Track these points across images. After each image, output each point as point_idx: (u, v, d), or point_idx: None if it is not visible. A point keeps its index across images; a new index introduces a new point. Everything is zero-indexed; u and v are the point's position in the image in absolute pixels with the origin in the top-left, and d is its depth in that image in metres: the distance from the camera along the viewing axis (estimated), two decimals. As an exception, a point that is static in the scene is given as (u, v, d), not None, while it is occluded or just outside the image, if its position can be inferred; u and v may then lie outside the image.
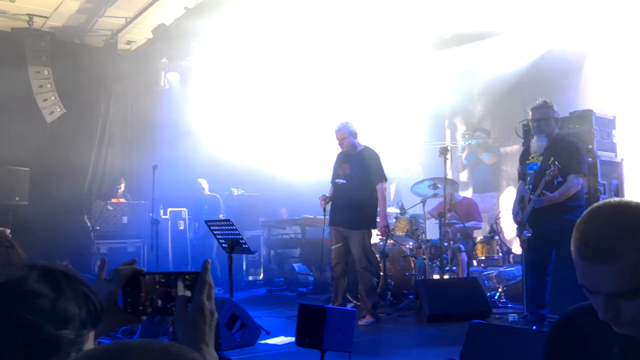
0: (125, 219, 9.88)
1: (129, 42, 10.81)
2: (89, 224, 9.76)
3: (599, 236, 1.38)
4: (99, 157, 10.87)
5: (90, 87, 10.32)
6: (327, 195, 6.55)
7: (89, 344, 1.04)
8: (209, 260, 1.30)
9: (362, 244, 6.27)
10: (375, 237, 8.05)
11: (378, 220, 6.42)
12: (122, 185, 10.38)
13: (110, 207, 9.84)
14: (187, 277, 1.30)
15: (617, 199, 1.49)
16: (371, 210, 6.37)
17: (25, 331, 0.95)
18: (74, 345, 1.00)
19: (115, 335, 4.59)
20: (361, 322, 6.07)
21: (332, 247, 6.58)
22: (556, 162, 5.06)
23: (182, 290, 1.29)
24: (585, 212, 1.48)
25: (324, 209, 6.53)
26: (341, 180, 6.45)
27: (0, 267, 1.02)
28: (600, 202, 1.50)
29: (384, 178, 6.43)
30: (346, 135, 6.45)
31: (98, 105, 10.86)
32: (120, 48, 10.84)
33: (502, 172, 9.63)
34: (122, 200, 10.23)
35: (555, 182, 5.12)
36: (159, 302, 1.34)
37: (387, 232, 6.54)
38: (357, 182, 6.34)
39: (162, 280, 1.34)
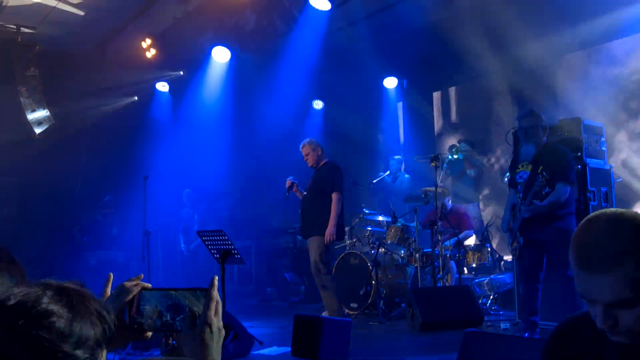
0: (115, 230, 9.83)
1: (118, 52, 10.79)
2: (78, 236, 9.70)
3: (597, 246, 1.40)
4: (89, 167, 10.82)
5: (79, 98, 10.29)
6: (295, 180, 6.96)
7: None
8: (217, 277, 1.31)
9: (315, 249, 6.60)
10: (367, 245, 8.08)
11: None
12: (110, 198, 10.33)
13: (100, 219, 9.79)
14: (194, 293, 1.30)
15: (612, 209, 1.51)
16: (327, 220, 6.66)
17: (41, 351, 0.95)
18: None
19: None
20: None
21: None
22: (544, 173, 5.09)
23: (189, 307, 1.29)
24: (582, 222, 1.50)
25: (287, 190, 6.96)
26: (304, 193, 6.91)
27: (13, 287, 1.02)
28: (597, 212, 1.51)
29: (339, 189, 6.70)
30: (309, 151, 6.88)
31: (87, 115, 10.82)
32: (109, 58, 10.81)
33: (485, 182, 9.72)
34: (110, 210, 10.19)
35: (544, 192, 5.15)
36: (167, 318, 1.34)
37: (331, 240, 6.67)
38: (316, 194, 6.76)
39: (170, 295, 1.34)
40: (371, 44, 9.19)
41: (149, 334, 1.39)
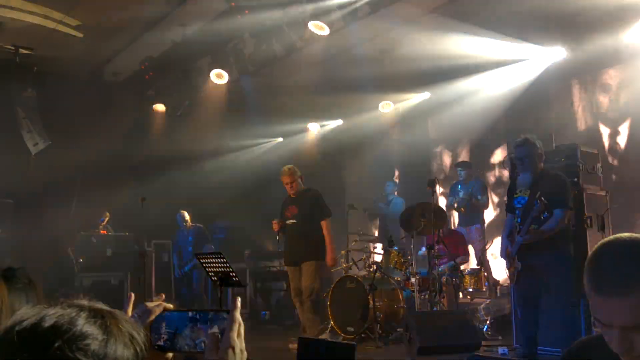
0: (109, 251, 9.76)
1: (115, 74, 10.84)
2: (72, 257, 9.62)
3: (613, 270, 1.42)
4: (84, 188, 10.78)
5: (76, 118, 10.29)
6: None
7: None
8: (239, 298, 1.31)
9: (312, 273, 6.67)
10: (363, 269, 8.08)
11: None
12: (107, 218, 10.27)
13: (94, 239, 9.72)
14: (217, 314, 1.30)
15: (627, 233, 1.53)
16: (321, 244, 6.81)
17: None
18: None
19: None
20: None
21: (291, 287, 7.02)
22: (542, 198, 5.13)
23: (211, 328, 1.29)
24: (597, 246, 1.52)
25: (277, 233, 6.99)
26: (292, 221, 6.95)
27: (36, 308, 1.00)
28: (611, 237, 1.54)
29: (328, 214, 6.92)
30: (295, 179, 7.02)
31: (83, 136, 10.81)
32: (106, 79, 10.86)
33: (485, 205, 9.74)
34: (104, 232, 10.12)
35: (542, 217, 5.18)
36: (188, 340, 1.34)
37: (334, 264, 7.04)
38: (305, 220, 6.87)
39: (191, 317, 1.34)
40: (368, 69, 9.28)
41: (170, 355, 1.38)
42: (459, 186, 9.06)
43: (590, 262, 1.49)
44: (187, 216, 10.57)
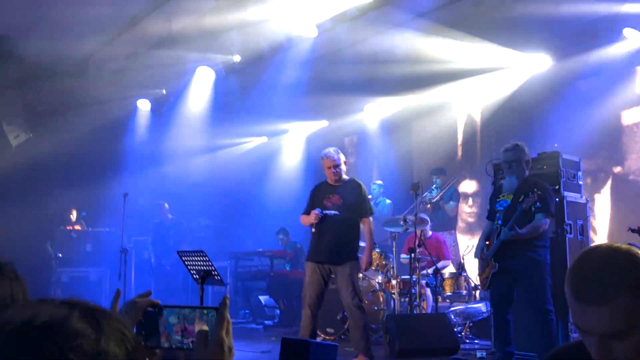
0: (89, 247, 9.69)
1: (99, 68, 10.73)
2: (50, 251, 9.53)
3: (594, 279, 1.45)
4: (65, 182, 10.69)
5: (58, 112, 10.19)
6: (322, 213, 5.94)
7: None
8: (228, 296, 1.31)
9: (351, 277, 5.83)
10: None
11: (361, 256, 6.10)
12: (74, 214, 10.17)
13: (74, 235, 9.64)
14: (205, 311, 1.31)
15: (607, 242, 1.57)
16: (357, 243, 6.02)
17: None
18: None
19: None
20: None
21: (306, 281, 6.01)
22: (536, 190, 5.15)
23: (200, 325, 1.29)
24: (578, 254, 1.55)
25: (312, 226, 5.95)
26: (332, 212, 5.94)
27: (34, 306, 0.97)
28: (593, 245, 1.57)
29: (372, 211, 6.12)
30: (339, 163, 6.02)
31: (66, 130, 10.71)
32: (90, 73, 10.75)
33: (461, 212, 9.83)
34: (77, 227, 10.03)
35: (532, 208, 5.16)
36: (176, 337, 1.34)
37: (367, 268, 6.27)
38: (349, 214, 5.96)
39: (180, 313, 1.34)
40: (355, 71, 9.31)
41: (158, 352, 1.38)
42: (434, 190, 9.21)
43: (571, 270, 1.52)
44: (167, 208, 10.41)
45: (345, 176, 6.13)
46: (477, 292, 7.94)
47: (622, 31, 7.48)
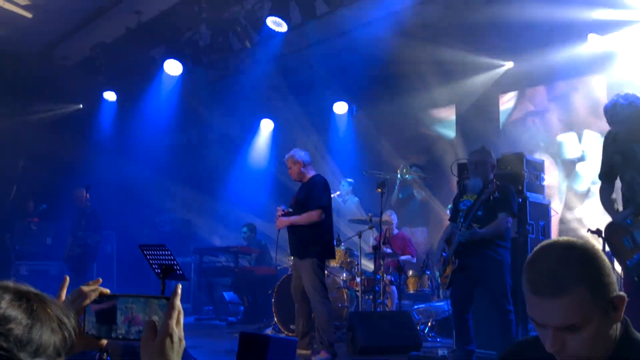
0: (49, 240, 9.47)
1: (65, 58, 10.53)
2: (9, 243, 9.30)
3: (549, 272, 1.46)
4: (26, 174, 10.44)
5: (21, 101, 9.96)
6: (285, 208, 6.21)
7: None
8: (179, 285, 1.27)
9: (311, 274, 5.91)
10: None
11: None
12: (31, 205, 9.90)
13: (33, 227, 9.42)
14: (155, 300, 1.26)
15: (564, 237, 1.58)
16: (318, 238, 6.03)
17: None
18: None
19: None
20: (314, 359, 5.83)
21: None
22: (495, 181, 5.22)
23: (149, 315, 1.25)
24: (535, 248, 1.56)
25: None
26: (289, 210, 6.20)
27: None
28: (550, 240, 1.58)
29: (319, 205, 6.03)
30: (291, 165, 6.25)
31: (29, 121, 10.47)
32: (56, 63, 10.53)
33: (432, 208, 9.91)
34: (35, 219, 9.77)
35: (490, 199, 5.18)
36: (124, 326, 1.29)
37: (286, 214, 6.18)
38: (299, 212, 6.05)
39: (128, 302, 1.30)
40: (324, 68, 9.30)
41: (104, 341, 1.34)
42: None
43: (528, 264, 1.53)
44: (85, 195, 9.50)
45: (308, 175, 6.26)
46: (441, 291, 8.00)
47: (587, 37, 7.60)
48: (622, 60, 7.50)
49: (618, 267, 4.53)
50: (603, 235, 4.66)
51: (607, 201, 4.61)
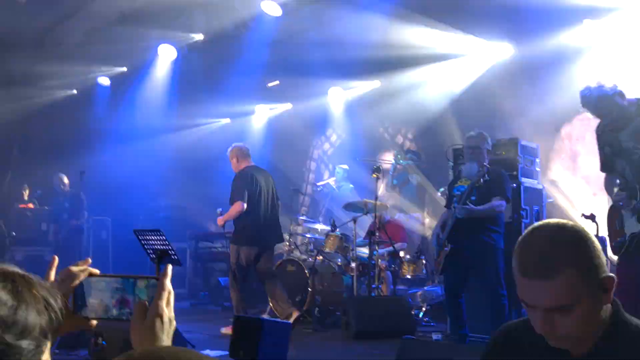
0: (44, 226, 9.46)
1: (59, 43, 10.44)
2: (4, 229, 9.28)
3: (539, 254, 1.47)
4: (21, 160, 10.40)
5: (15, 87, 9.89)
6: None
7: (46, 355, 0.98)
8: (170, 265, 1.26)
9: (232, 260, 6.76)
10: (305, 253, 8.10)
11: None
12: (26, 192, 9.85)
13: (29, 213, 9.40)
14: (146, 281, 1.26)
15: (555, 220, 1.59)
16: (239, 226, 6.82)
17: None
18: (34, 357, 0.93)
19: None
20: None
21: None
22: (485, 164, 5.24)
23: (138, 296, 1.24)
24: (526, 230, 1.57)
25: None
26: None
27: None
28: (541, 222, 1.59)
29: (240, 198, 6.72)
30: (229, 158, 6.98)
31: (22, 106, 10.41)
32: (49, 48, 10.45)
33: (428, 194, 9.90)
34: (30, 205, 9.75)
35: (481, 180, 5.20)
36: (114, 307, 1.29)
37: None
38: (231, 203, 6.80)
39: (118, 283, 1.29)
40: (319, 53, 9.25)
41: (94, 322, 1.33)
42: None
43: (519, 246, 1.53)
44: (65, 180, 9.56)
45: (240, 168, 6.94)
46: (436, 276, 8.02)
47: (582, 22, 7.56)
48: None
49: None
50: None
51: (611, 191, 4.63)
